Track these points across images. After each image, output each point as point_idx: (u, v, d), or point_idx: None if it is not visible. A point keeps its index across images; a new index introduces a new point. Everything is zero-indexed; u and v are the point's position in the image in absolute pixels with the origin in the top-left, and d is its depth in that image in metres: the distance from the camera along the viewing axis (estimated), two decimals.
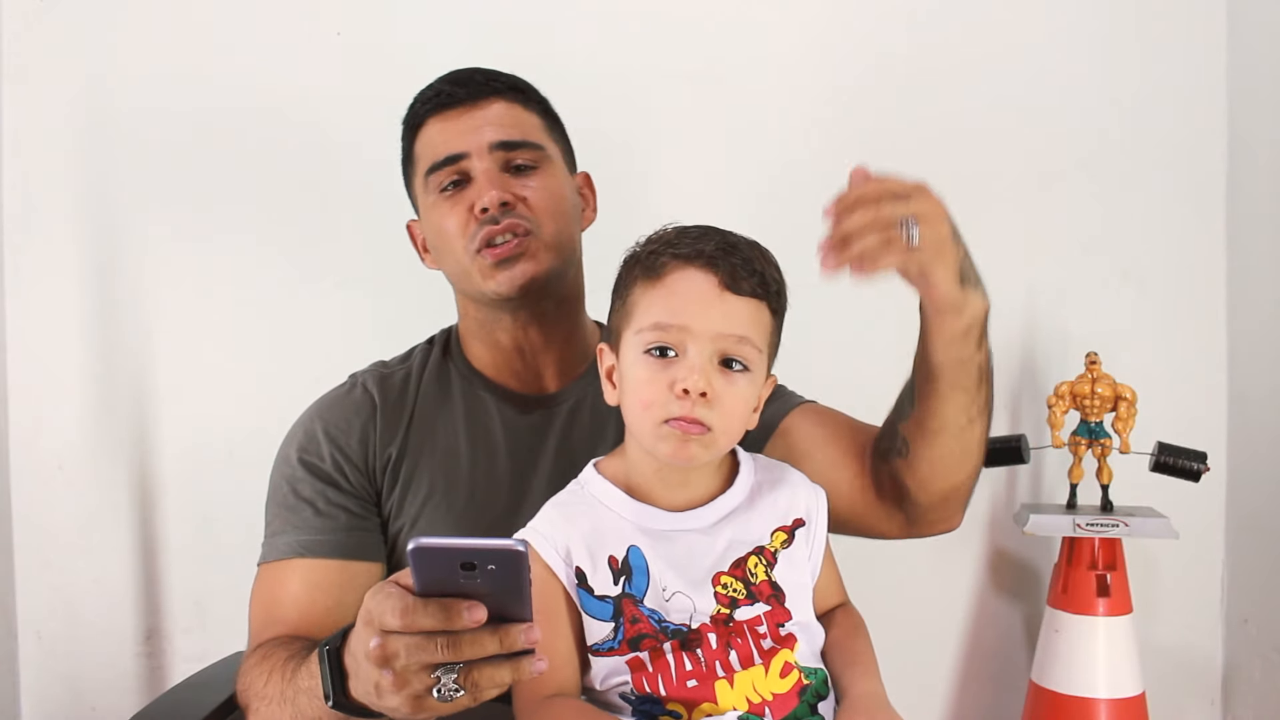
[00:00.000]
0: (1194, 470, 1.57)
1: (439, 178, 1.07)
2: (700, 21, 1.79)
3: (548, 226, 1.06)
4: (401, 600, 0.68)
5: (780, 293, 0.91)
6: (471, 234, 1.04)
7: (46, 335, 1.80)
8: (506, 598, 0.67)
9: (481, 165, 1.06)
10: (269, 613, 1.03)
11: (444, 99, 1.08)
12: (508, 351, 1.12)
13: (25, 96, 1.79)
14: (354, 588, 1.03)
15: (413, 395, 1.11)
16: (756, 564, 0.90)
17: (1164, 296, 1.81)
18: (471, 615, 0.67)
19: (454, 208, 1.06)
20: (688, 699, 0.86)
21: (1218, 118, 1.79)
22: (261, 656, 0.97)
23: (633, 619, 0.87)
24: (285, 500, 1.06)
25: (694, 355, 0.85)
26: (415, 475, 1.07)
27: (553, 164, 1.10)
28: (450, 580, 0.66)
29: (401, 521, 1.06)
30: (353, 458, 1.07)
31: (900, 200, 0.84)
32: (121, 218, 1.80)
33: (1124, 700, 1.59)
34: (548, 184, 1.08)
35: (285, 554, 1.04)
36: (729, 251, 0.88)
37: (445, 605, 0.67)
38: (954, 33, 1.80)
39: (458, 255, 1.06)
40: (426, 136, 1.09)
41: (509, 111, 1.09)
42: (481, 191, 1.04)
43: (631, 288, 0.90)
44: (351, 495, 1.06)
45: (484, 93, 1.08)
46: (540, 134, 1.11)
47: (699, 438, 0.86)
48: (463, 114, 1.07)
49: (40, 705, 1.84)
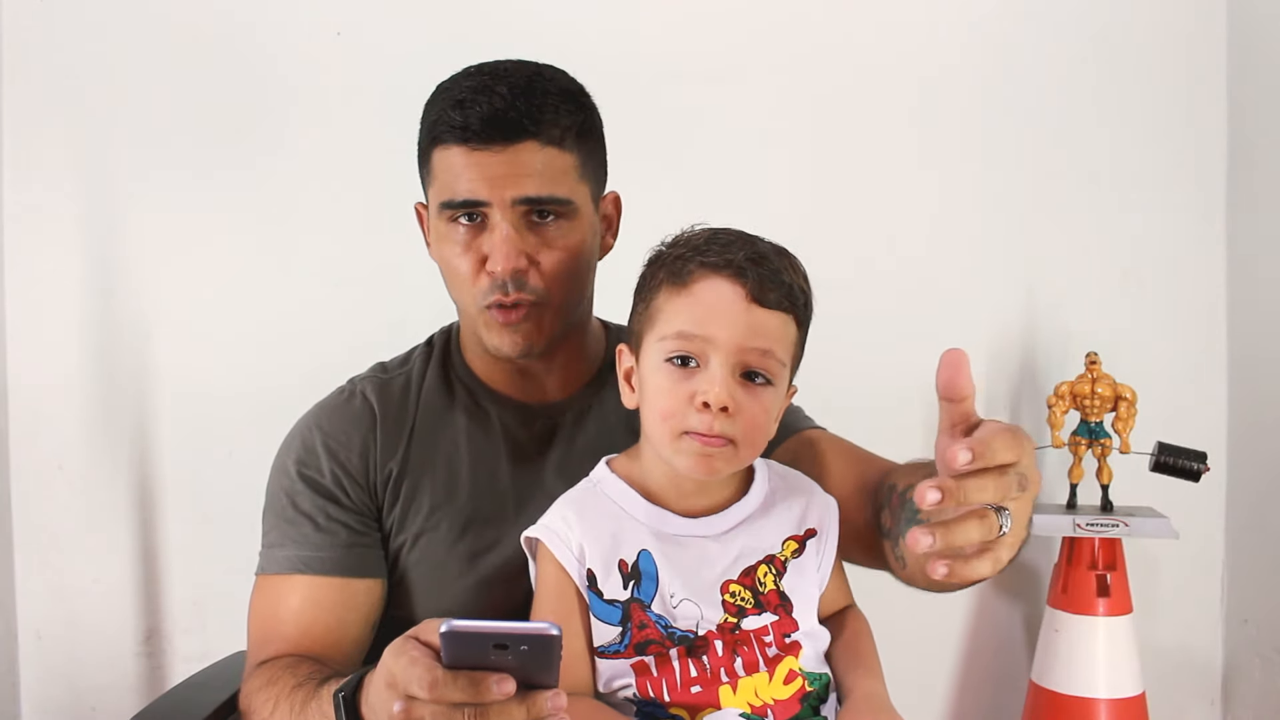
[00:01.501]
0: (1194, 470, 1.57)
1: (454, 212, 1.00)
2: (712, 21, 1.80)
3: (558, 296, 1.01)
4: (430, 673, 0.66)
5: (807, 304, 0.89)
6: (482, 290, 1.00)
7: (46, 335, 1.80)
8: (535, 669, 0.67)
9: (502, 219, 0.97)
10: (269, 628, 1.02)
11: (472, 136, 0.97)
12: (508, 365, 1.09)
13: (25, 96, 1.79)
14: (355, 605, 1.02)
15: (413, 406, 1.08)
16: (766, 572, 0.90)
17: (1164, 296, 1.81)
18: (501, 688, 0.66)
19: (465, 251, 1.00)
20: (691, 704, 0.86)
21: (1218, 118, 1.79)
22: (267, 680, 0.96)
23: (640, 624, 0.87)
24: (284, 513, 1.04)
25: (716, 367, 0.84)
26: (417, 490, 1.05)
27: (578, 215, 1.02)
28: (480, 657, 0.66)
29: (403, 537, 1.04)
30: (353, 473, 1.04)
31: (1012, 472, 0.65)
32: (121, 218, 1.80)
33: (1124, 700, 1.60)
34: (568, 241, 1.01)
35: (285, 568, 1.02)
36: (758, 262, 0.86)
37: (475, 679, 0.66)
38: (957, 34, 1.80)
39: (464, 299, 1.03)
40: (447, 160, 0.99)
41: (541, 156, 0.97)
42: (495, 251, 0.97)
43: (656, 292, 0.88)
44: (352, 511, 1.04)
45: (517, 134, 0.96)
46: (571, 180, 1.00)
47: (721, 451, 0.84)
48: (492, 156, 0.96)
49: (40, 705, 1.84)
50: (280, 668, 0.96)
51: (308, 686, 0.90)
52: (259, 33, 1.78)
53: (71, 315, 1.80)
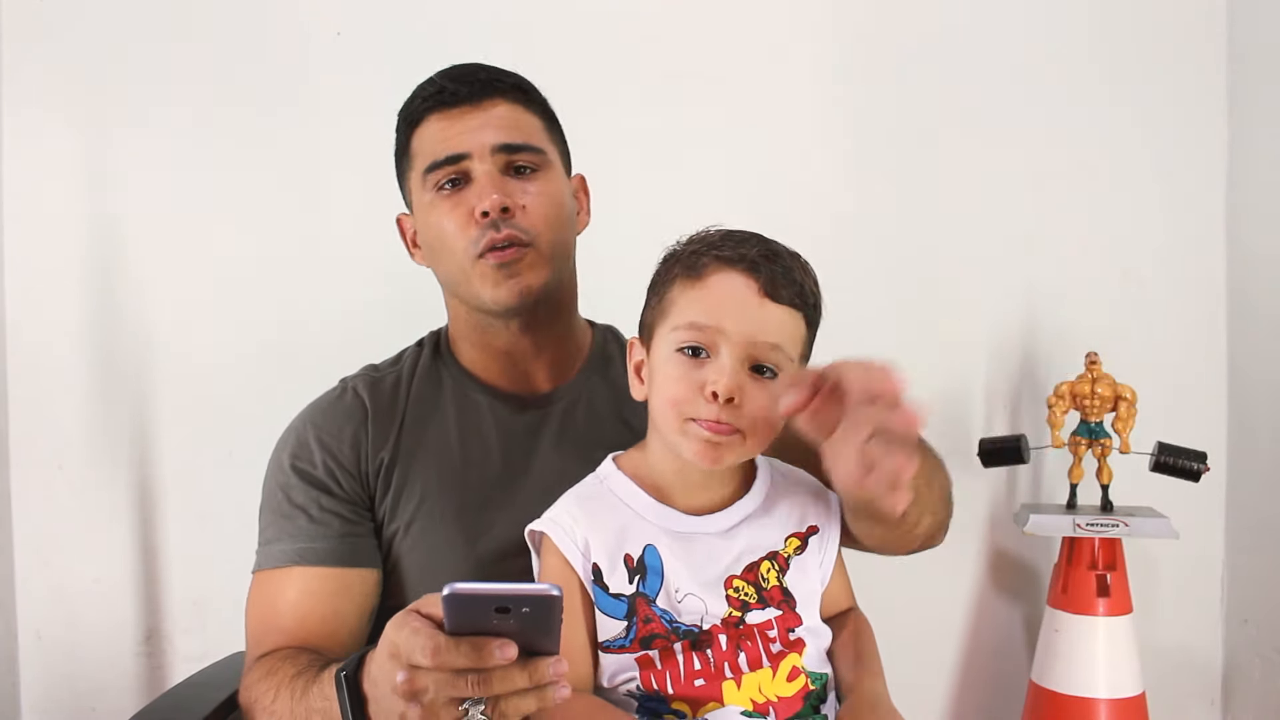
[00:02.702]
0: (1194, 470, 1.57)
1: (438, 176, 1.05)
2: (697, 21, 1.80)
3: (545, 236, 1.05)
4: (432, 640, 0.67)
5: (817, 305, 0.91)
6: (473, 238, 1.03)
7: (46, 334, 1.80)
8: (536, 634, 0.67)
9: (483, 167, 1.04)
10: (267, 622, 1.02)
11: (446, 96, 1.06)
12: (499, 354, 1.11)
13: (25, 96, 1.79)
14: (350, 595, 1.03)
15: (404, 399, 1.10)
16: (769, 569, 0.91)
17: (1164, 296, 1.81)
18: (503, 653, 0.66)
19: (453, 209, 1.04)
20: (694, 698, 0.86)
21: (1217, 117, 1.80)
22: (267, 671, 0.96)
23: (646, 619, 0.87)
24: (279, 508, 1.06)
25: (726, 358, 0.85)
26: (409, 479, 1.06)
27: (553, 168, 1.09)
28: (482, 621, 0.66)
29: (396, 526, 1.05)
30: (345, 463, 1.06)
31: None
32: (122, 218, 1.80)
33: (1124, 700, 1.60)
34: (547, 189, 1.06)
35: (280, 562, 1.03)
36: (771, 259, 0.87)
37: (477, 645, 0.67)
38: (955, 32, 1.80)
39: (457, 257, 1.05)
40: (426, 133, 1.07)
41: (511, 112, 1.07)
42: (482, 194, 1.03)
43: (670, 285, 0.90)
44: (345, 501, 1.05)
45: (487, 92, 1.06)
46: (542, 137, 1.09)
47: (728, 440, 0.85)
48: (465, 113, 1.05)
49: (40, 705, 1.84)
50: (279, 659, 0.97)
51: (308, 674, 0.91)
52: (259, 33, 1.78)
53: (71, 315, 1.80)
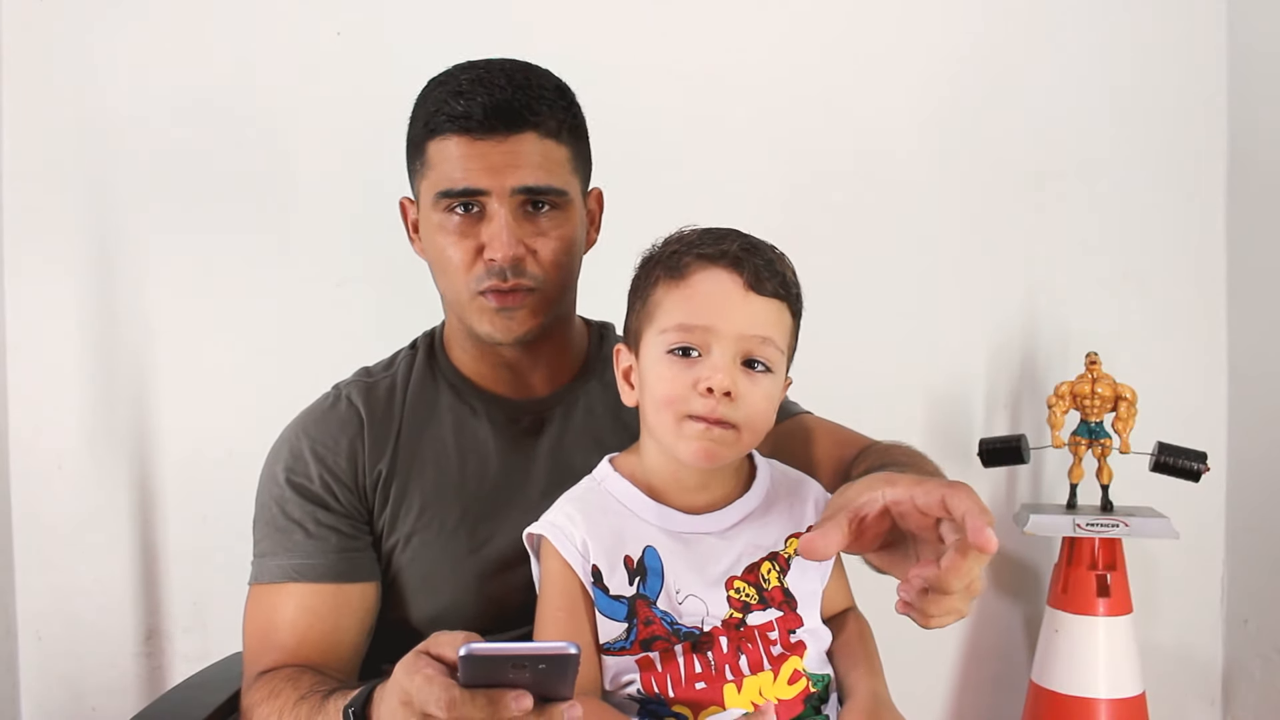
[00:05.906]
0: (1194, 470, 1.57)
1: (451, 201, 1.00)
2: (711, 22, 1.80)
3: (552, 278, 1.02)
4: (447, 692, 0.67)
5: (799, 295, 0.91)
6: (477, 276, 1.00)
7: (46, 335, 1.80)
8: (551, 684, 0.67)
9: (500, 208, 0.98)
10: (266, 638, 1.01)
11: (474, 126, 0.97)
12: (496, 362, 1.09)
13: (26, 96, 1.79)
14: (350, 610, 1.02)
15: (399, 407, 1.08)
16: (770, 569, 0.90)
17: (1164, 296, 1.81)
18: (519, 705, 0.66)
19: (461, 239, 1.00)
20: (695, 700, 0.86)
21: (1218, 118, 1.80)
22: (269, 692, 0.95)
23: (646, 621, 0.87)
24: (274, 521, 1.04)
25: (718, 355, 0.84)
26: (407, 491, 1.05)
27: (571, 206, 1.03)
28: (498, 675, 0.66)
29: (395, 538, 1.04)
30: (342, 477, 1.04)
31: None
32: (121, 217, 1.79)
33: (1124, 700, 1.60)
34: (562, 231, 1.02)
35: (278, 577, 1.02)
36: (752, 252, 0.87)
37: (493, 698, 0.66)
38: (957, 34, 1.81)
39: (456, 286, 1.02)
40: (445, 150, 0.99)
41: (540, 147, 0.99)
42: (494, 241, 0.98)
43: (653, 288, 0.89)
44: (342, 515, 1.04)
45: (518, 125, 0.98)
46: (566, 172, 1.02)
47: (724, 435, 0.85)
48: (491, 146, 0.97)
49: (40, 705, 1.84)
50: (282, 680, 0.96)
51: (312, 699, 0.90)
52: (259, 33, 1.78)
53: (72, 315, 1.80)
